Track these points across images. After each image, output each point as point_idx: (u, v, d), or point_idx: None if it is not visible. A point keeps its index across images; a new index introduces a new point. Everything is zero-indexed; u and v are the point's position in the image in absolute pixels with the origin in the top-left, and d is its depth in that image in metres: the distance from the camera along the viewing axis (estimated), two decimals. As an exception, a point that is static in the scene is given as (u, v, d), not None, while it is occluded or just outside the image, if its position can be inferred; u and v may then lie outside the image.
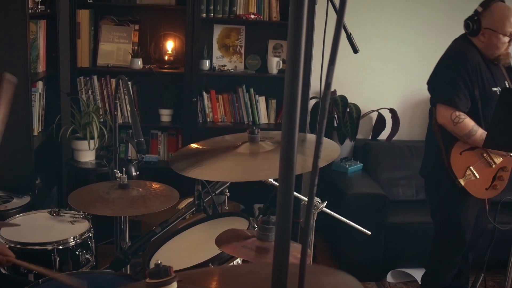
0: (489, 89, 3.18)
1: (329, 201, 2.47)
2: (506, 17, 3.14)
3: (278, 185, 0.70)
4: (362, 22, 4.73)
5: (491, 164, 3.25)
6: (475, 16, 3.21)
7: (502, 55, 3.23)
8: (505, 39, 3.16)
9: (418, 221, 4.04)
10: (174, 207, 2.99)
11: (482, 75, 3.17)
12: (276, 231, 0.71)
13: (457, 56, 3.21)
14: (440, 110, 3.19)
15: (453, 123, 3.12)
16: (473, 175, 3.20)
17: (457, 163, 3.19)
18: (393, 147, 4.68)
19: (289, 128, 0.63)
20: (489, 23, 3.16)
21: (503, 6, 3.18)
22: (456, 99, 3.11)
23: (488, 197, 3.30)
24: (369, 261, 4.07)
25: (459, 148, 3.20)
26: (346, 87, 4.72)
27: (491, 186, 3.29)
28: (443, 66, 3.26)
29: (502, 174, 3.30)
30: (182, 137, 4.44)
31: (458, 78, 3.12)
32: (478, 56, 3.21)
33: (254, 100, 4.49)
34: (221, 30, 4.55)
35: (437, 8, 4.81)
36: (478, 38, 3.22)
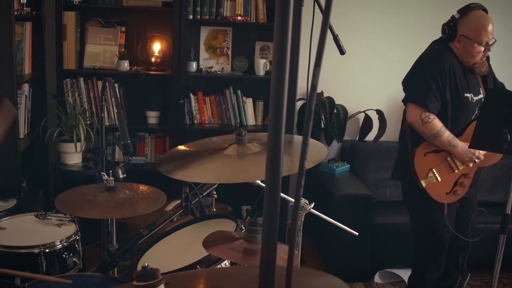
0: (462, 93, 3.18)
1: (317, 202, 2.48)
2: (482, 27, 3.11)
3: (264, 186, 0.70)
4: (349, 24, 4.74)
5: (454, 169, 3.27)
6: (451, 22, 3.19)
7: (477, 64, 3.21)
8: (480, 48, 3.14)
9: (405, 222, 4.03)
10: (162, 209, 2.98)
11: (456, 78, 3.17)
12: (263, 233, 0.71)
13: (432, 57, 3.21)
14: (410, 109, 3.21)
15: (422, 122, 3.13)
16: (435, 177, 3.22)
17: (420, 164, 3.21)
18: (380, 148, 4.69)
19: (275, 130, 0.64)
20: (465, 30, 3.14)
21: (480, 14, 3.14)
22: (427, 100, 3.11)
23: (447, 201, 3.29)
24: (356, 262, 4.08)
25: (424, 149, 3.22)
26: (333, 89, 4.73)
27: (452, 191, 3.29)
28: (418, 67, 3.26)
29: (464, 181, 3.30)
30: (169, 139, 4.43)
31: (430, 79, 3.12)
32: (454, 59, 3.20)
33: (241, 101, 4.49)
34: (208, 32, 4.55)
35: (424, 10, 4.84)
36: (454, 44, 3.21)
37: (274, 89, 0.62)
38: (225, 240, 1.93)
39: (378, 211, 4.08)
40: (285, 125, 2.73)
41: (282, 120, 0.63)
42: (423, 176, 3.21)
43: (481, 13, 3.15)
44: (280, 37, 0.61)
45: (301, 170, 0.70)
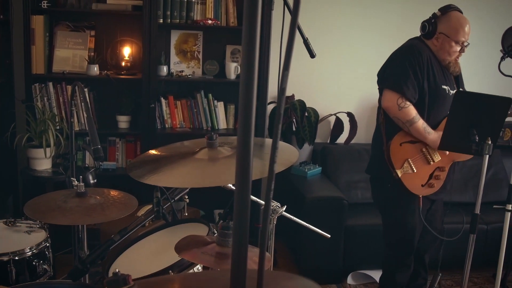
0: (439, 85, 3.25)
1: (289, 205, 2.49)
2: (461, 26, 3.23)
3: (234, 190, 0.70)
4: (319, 27, 4.77)
5: (429, 161, 3.30)
6: (432, 19, 3.29)
7: (451, 63, 3.31)
8: (457, 47, 3.25)
9: (377, 223, 4.06)
10: (133, 214, 2.96)
11: (433, 70, 3.23)
12: (233, 236, 0.71)
13: (411, 48, 3.27)
14: (387, 94, 3.22)
15: (398, 107, 3.15)
16: (411, 168, 3.24)
17: (396, 154, 3.23)
18: (351, 150, 4.73)
19: (245, 133, 0.64)
20: (445, 28, 3.24)
21: (460, 15, 3.27)
22: (404, 87, 3.15)
23: (422, 194, 3.32)
24: (329, 264, 4.10)
25: (400, 139, 3.24)
26: (304, 92, 4.75)
27: (427, 184, 3.31)
28: (395, 57, 3.32)
29: (439, 174, 3.34)
30: (140, 144, 4.40)
31: (409, 68, 3.17)
32: (431, 53, 3.28)
33: (212, 105, 4.48)
34: (179, 36, 4.53)
35: (392, 13, 4.89)
36: (432, 41, 3.30)
37: (243, 92, 0.62)
38: (198, 245, 1.93)
39: (350, 213, 4.10)
40: (256, 129, 2.75)
41: (251, 123, 0.63)
42: (399, 166, 3.22)
43: (460, 14, 3.27)
44: (248, 41, 0.61)
45: (271, 173, 0.71)
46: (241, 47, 3.48)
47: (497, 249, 3.35)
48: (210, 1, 4.36)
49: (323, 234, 2.59)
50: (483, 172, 2.98)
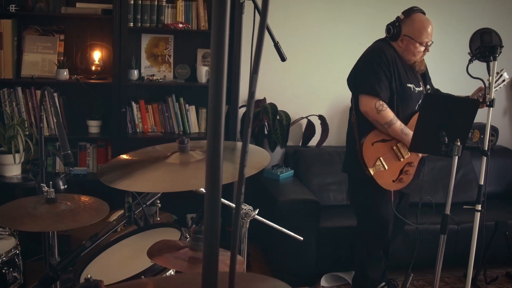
0: (405, 83, 3.38)
1: (262, 208, 2.49)
2: (424, 28, 3.36)
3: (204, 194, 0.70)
4: (290, 31, 4.79)
5: (400, 157, 3.43)
6: (396, 22, 3.41)
7: (417, 62, 3.45)
8: (421, 48, 3.39)
9: (349, 225, 4.09)
10: (105, 220, 2.94)
11: (398, 69, 3.36)
12: (204, 240, 0.71)
13: (376, 51, 3.40)
14: (364, 99, 3.34)
15: (377, 111, 3.28)
16: (382, 166, 3.38)
17: (368, 153, 3.37)
18: (323, 153, 4.75)
19: (214, 137, 0.64)
20: (409, 30, 3.37)
21: (423, 17, 3.40)
22: (378, 89, 3.28)
23: (394, 189, 3.46)
24: (302, 267, 4.11)
25: (372, 139, 3.38)
26: (276, 95, 4.77)
27: (398, 179, 3.46)
28: (363, 61, 3.44)
29: (409, 169, 3.47)
30: (111, 149, 4.36)
31: (378, 69, 3.30)
32: (395, 53, 3.40)
33: (184, 109, 4.47)
34: (149, 40, 4.51)
35: (362, 16, 4.93)
36: (397, 43, 3.43)
37: (212, 96, 0.62)
38: (170, 249, 1.92)
39: (323, 215, 4.12)
40: (228, 132, 2.75)
41: (220, 127, 0.63)
42: (371, 164, 3.36)
43: (423, 16, 3.40)
44: (217, 44, 0.61)
45: (241, 177, 0.71)
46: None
47: (468, 249, 3.40)
48: (181, 5, 4.36)
49: (296, 237, 2.60)
50: (452, 173, 3.02)
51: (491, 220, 4.23)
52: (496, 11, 5.29)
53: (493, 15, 5.26)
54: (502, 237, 4.25)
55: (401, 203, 3.67)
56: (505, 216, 4.45)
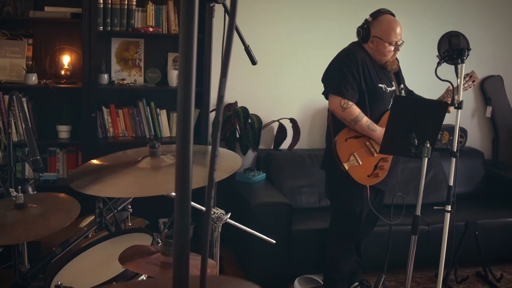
0: (376, 84, 3.48)
1: (234, 212, 2.48)
2: (392, 28, 3.45)
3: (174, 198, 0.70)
4: (261, 35, 4.80)
5: (373, 152, 3.52)
6: (365, 25, 3.51)
7: (389, 62, 3.54)
8: (391, 47, 3.48)
9: (321, 228, 4.12)
10: (76, 225, 2.91)
11: (369, 71, 3.46)
12: (174, 245, 0.70)
13: (347, 53, 3.50)
14: (331, 98, 3.48)
15: (342, 108, 3.40)
16: (356, 161, 3.47)
17: (342, 149, 3.47)
18: (295, 156, 4.77)
19: (183, 141, 0.63)
20: (377, 32, 3.47)
21: (390, 18, 3.50)
22: (344, 90, 3.39)
23: (369, 183, 3.54)
24: (275, 269, 4.11)
25: (345, 135, 3.48)
26: (247, 98, 4.77)
27: (373, 174, 3.54)
28: (334, 63, 3.55)
29: (383, 164, 3.56)
30: (81, 154, 4.31)
31: (347, 71, 3.41)
32: (366, 56, 3.50)
33: (155, 113, 4.44)
34: (119, 44, 4.48)
35: (332, 20, 4.97)
36: (367, 45, 3.52)
37: (181, 100, 0.62)
38: (142, 255, 1.91)
39: (295, 218, 4.13)
40: (199, 136, 2.74)
41: (189, 131, 0.63)
42: (345, 159, 3.45)
43: (390, 17, 3.50)
44: (185, 48, 0.61)
45: (210, 181, 0.70)
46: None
47: (439, 249, 3.44)
48: (151, 9, 4.33)
49: (268, 240, 2.60)
50: (422, 174, 3.06)
51: (461, 221, 4.29)
52: (464, 15, 5.37)
53: (461, 18, 5.34)
54: (472, 237, 4.31)
55: (376, 199, 3.74)
56: (474, 216, 4.52)
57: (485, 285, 4.35)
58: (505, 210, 4.81)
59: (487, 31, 5.51)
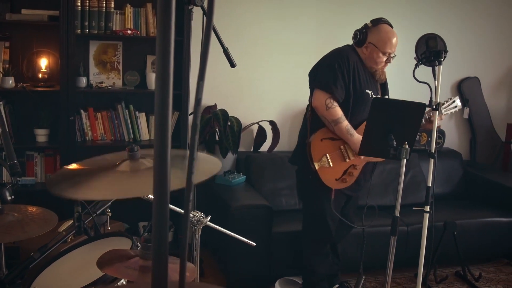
0: (364, 89, 3.48)
1: (214, 215, 2.48)
2: (389, 39, 3.47)
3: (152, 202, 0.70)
4: (240, 37, 4.80)
5: (346, 158, 3.52)
6: (363, 29, 3.52)
7: (378, 71, 3.56)
8: (383, 57, 3.49)
9: (301, 230, 4.12)
10: (54, 230, 2.88)
11: (359, 74, 3.47)
12: (153, 249, 0.70)
13: (340, 53, 3.50)
14: (317, 94, 3.44)
15: (326, 107, 3.38)
16: (327, 162, 3.46)
17: (316, 148, 3.45)
18: (275, 158, 4.77)
19: (161, 144, 0.63)
20: (374, 39, 3.48)
21: (389, 28, 3.51)
22: (333, 87, 3.38)
23: (335, 187, 3.54)
24: (256, 272, 4.11)
25: (322, 135, 3.47)
26: (226, 101, 4.77)
27: (341, 179, 3.54)
28: (326, 59, 3.54)
29: (353, 171, 3.55)
30: (60, 157, 4.27)
31: (337, 69, 3.40)
32: (358, 59, 3.51)
33: (134, 116, 4.42)
34: (97, 46, 4.45)
35: (310, 24, 4.98)
36: (361, 50, 3.53)
37: (158, 102, 0.62)
38: (121, 259, 1.90)
39: (275, 220, 4.13)
40: (179, 140, 2.73)
41: (167, 133, 0.63)
42: (317, 159, 3.44)
43: (389, 28, 3.52)
44: (162, 50, 0.61)
45: (189, 184, 0.70)
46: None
47: (418, 249, 3.47)
48: (129, 11, 4.32)
49: (248, 242, 2.60)
50: (401, 175, 3.08)
51: (440, 221, 4.32)
52: (441, 17, 5.42)
53: (438, 21, 5.39)
54: (451, 237, 4.35)
55: (347, 206, 3.75)
56: (453, 216, 4.56)
57: (464, 284, 4.39)
58: (483, 210, 4.86)
59: (464, 33, 5.57)
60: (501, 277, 4.56)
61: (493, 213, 4.79)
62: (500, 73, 5.85)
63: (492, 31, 5.70)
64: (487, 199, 5.06)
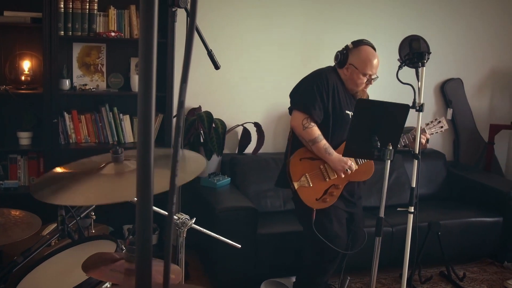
0: (343, 110, 3.49)
1: (199, 217, 2.48)
2: (369, 61, 3.48)
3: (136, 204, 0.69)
4: (224, 39, 4.80)
5: (326, 177, 3.51)
6: (344, 50, 3.54)
7: (359, 92, 3.58)
8: (364, 79, 3.51)
9: (287, 231, 4.13)
10: (38, 234, 2.86)
11: (338, 96, 3.48)
12: (137, 251, 0.70)
13: (320, 75, 3.51)
14: (295, 114, 3.47)
15: (303, 127, 3.40)
16: (307, 182, 3.46)
17: (295, 167, 3.46)
18: (259, 160, 4.77)
19: (144, 146, 0.63)
20: (354, 60, 3.50)
21: (370, 50, 3.52)
22: (311, 108, 3.40)
23: (316, 207, 3.49)
24: (242, 274, 4.11)
25: (300, 155, 3.48)
26: (211, 103, 4.77)
27: (321, 199, 3.50)
28: (305, 81, 3.55)
29: (334, 191, 3.53)
30: (43, 161, 4.24)
31: (316, 92, 3.41)
32: (339, 82, 3.53)
33: (118, 119, 4.40)
34: (81, 48, 4.43)
35: (293, 27, 4.99)
36: (342, 71, 3.55)
37: (141, 105, 0.62)
38: (106, 262, 1.89)
39: (260, 222, 4.13)
40: (164, 141, 2.73)
41: (150, 136, 0.63)
42: (296, 178, 3.44)
43: (370, 49, 3.52)
44: (145, 52, 0.61)
45: (172, 186, 0.70)
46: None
47: (403, 250, 3.48)
48: (113, 13, 4.30)
49: (234, 244, 2.60)
50: (385, 176, 3.09)
51: (424, 221, 4.35)
52: (424, 19, 5.46)
53: (421, 22, 5.43)
54: (435, 237, 4.37)
55: (354, 222, 3.70)
56: (437, 216, 4.59)
57: (449, 284, 4.42)
58: (467, 210, 4.89)
59: (447, 35, 5.61)
60: (485, 276, 4.59)
61: (476, 213, 4.83)
62: (483, 75, 5.90)
63: (474, 33, 5.75)
64: (471, 200, 5.10)
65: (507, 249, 4.83)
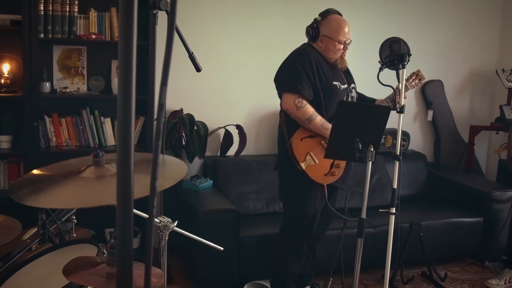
0: (330, 81, 3.53)
1: (182, 220, 2.47)
2: (340, 28, 3.53)
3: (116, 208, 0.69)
4: (206, 42, 4.80)
5: None
6: (314, 24, 3.58)
7: (338, 60, 3.61)
8: (340, 46, 3.55)
9: (270, 233, 4.13)
10: (18, 238, 2.83)
11: (322, 69, 3.52)
12: (117, 255, 0.69)
13: (299, 52, 3.56)
14: (285, 97, 3.49)
15: (296, 107, 3.43)
16: (313, 160, 3.50)
17: (298, 149, 3.49)
18: (242, 162, 4.77)
19: (124, 150, 0.62)
20: (326, 31, 3.54)
21: (338, 17, 3.58)
22: (300, 87, 3.42)
23: (326, 182, 3.59)
24: (224, 276, 4.10)
25: (300, 135, 3.50)
26: (193, 105, 4.76)
27: (329, 173, 3.58)
28: (287, 62, 3.59)
29: (339, 162, 3.60)
30: (23, 164, 4.20)
31: (300, 69, 3.44)
32: (318, 54, 3.56)
33: (99, 122, 4.38)
34: (61, 51, 4.40)
35: (275, 27, 5.00)
36: (317, 44, 3.59)
37: (121, 107, 0.61)
38: (87, 266, 1.87)
39: (243, 224, 4.13)
40: (145, 144, 2.71)
41: (130, 138, 0.62)
42: (302, 159, 3.47)
43: (339, 17, 3.59)
44: (125, 54, 0.60)
45: (153, 190, 0.70)
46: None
47: (385, 251, 3.50)
48: (94, 16, 4.27)
49: (216, 247, 2.60)
50: (367, 178, 3.11)
51: (406, 222, 4.38)
52: (404, 21, 5.50)
53: (401, 24, 5.46)
54: (417, 238, 4.40)
55: (331, 199, 3.77)
56: (418, 217, 4.62)
57: (430, 284, 4.45)
58: (448, 211, 4.93)
59: (427, 37, 5.66)
60: (466, 276, 4.63)
61: (457, 214, 4.87)
62: (463, 76, 5.96)
63: (454, 36, 5.80)
64: (452, 200, 5.14)
65: (488, 249, 4.87)
